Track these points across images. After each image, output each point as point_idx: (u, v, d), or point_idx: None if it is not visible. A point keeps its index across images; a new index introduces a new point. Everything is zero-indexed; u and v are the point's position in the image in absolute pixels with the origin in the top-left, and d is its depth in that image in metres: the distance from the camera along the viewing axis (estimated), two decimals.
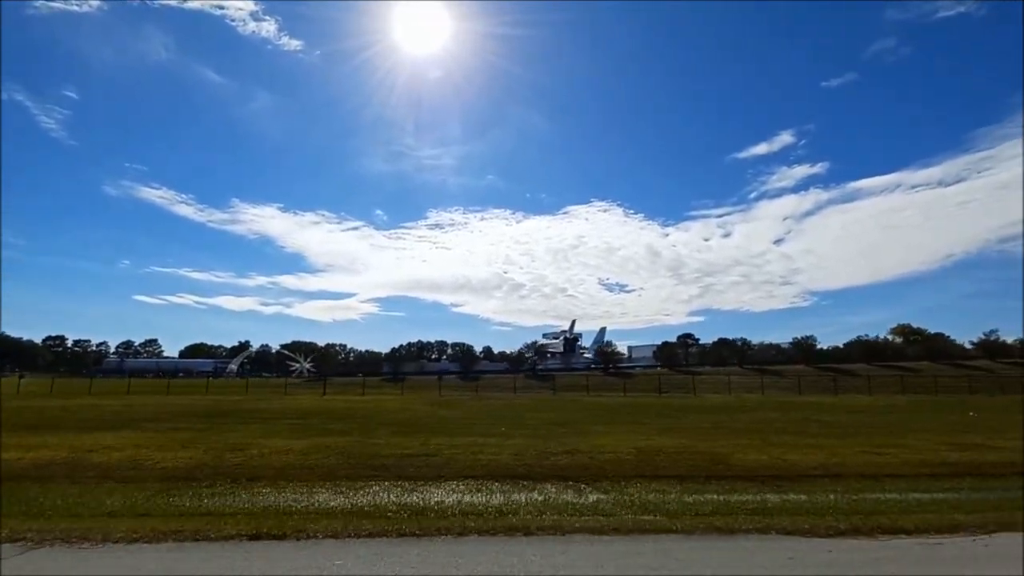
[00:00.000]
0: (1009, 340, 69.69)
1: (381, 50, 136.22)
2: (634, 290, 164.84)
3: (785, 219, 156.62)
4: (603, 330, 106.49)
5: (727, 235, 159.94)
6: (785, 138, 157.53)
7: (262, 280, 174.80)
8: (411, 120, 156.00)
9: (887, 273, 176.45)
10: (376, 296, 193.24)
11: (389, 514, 7.47)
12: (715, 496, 9.19)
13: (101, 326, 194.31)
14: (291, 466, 10.94)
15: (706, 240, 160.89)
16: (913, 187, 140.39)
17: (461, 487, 9.56)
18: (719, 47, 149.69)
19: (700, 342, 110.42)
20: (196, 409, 23.55)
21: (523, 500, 8.53)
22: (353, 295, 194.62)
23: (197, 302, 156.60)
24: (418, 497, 8.61)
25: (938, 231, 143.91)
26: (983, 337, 70.53)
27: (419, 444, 13.46)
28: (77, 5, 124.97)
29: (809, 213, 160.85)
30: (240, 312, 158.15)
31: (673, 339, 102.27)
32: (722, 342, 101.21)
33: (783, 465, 11.84)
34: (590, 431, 17.15)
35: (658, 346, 77.89)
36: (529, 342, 73.95)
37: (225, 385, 48.94)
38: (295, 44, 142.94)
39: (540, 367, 68.38)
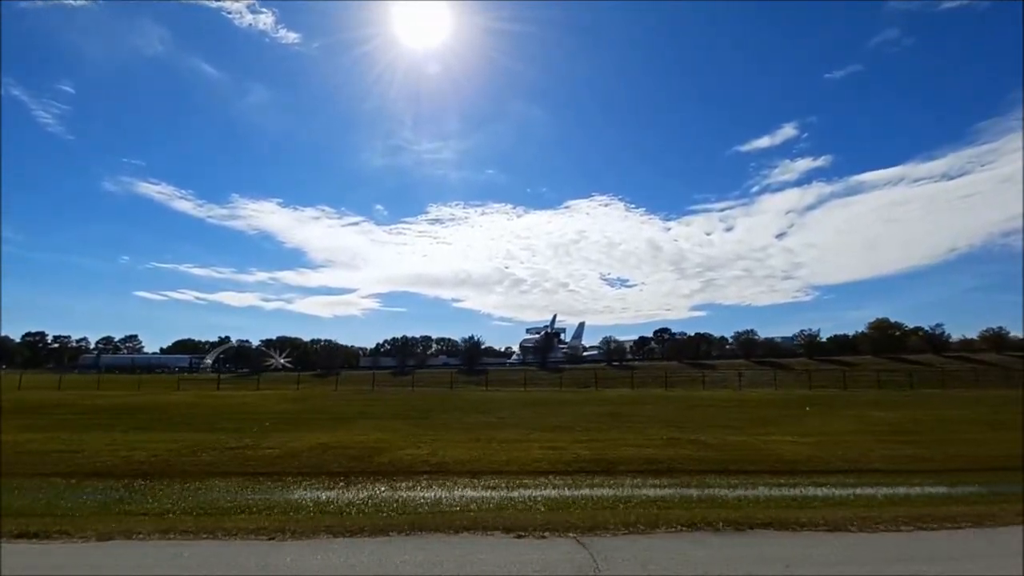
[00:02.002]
0: (955, 336, 69.13)
1: (380, 43, 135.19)
2: (636, 285, 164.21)
3: (787, 213, 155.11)
4: (582, 324, 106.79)
5: (729, 229, 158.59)
6: (787, 131, 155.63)
7: (263, 276, 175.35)
8: (410, 114, 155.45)
9: (890, 267, 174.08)
10: (377, 292, 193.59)
11: None
12: (260, 496, 9.32)
13: (102, 322, 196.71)
14: None
15: (708, 234, 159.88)
16: (916, 180, 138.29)
17: (15, 484, 9.76)
18: (720, 39, 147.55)
19: (675, 336, 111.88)
20: (27, 404, 24.07)
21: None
22: (354, 291, 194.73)
23: (198, 298, 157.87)
24: None
25: (941, 225, 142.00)
26: (928, 331, 69.94)
27: (106, 442, 13.68)
28: None
29: (811, 207, 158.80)
30: (242, 308, 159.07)
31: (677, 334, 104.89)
32: (699, 336, 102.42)
33: (422, 461, 11.96)
34: (351, 427, 17.31)
35: (603, 340, 77.98)
36: (466, 336, 74.44)
37: (161, 380, 49.38)
38: (293, 37, 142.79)
39: (477, 364, 68.47)
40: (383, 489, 9.65)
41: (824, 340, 76.89)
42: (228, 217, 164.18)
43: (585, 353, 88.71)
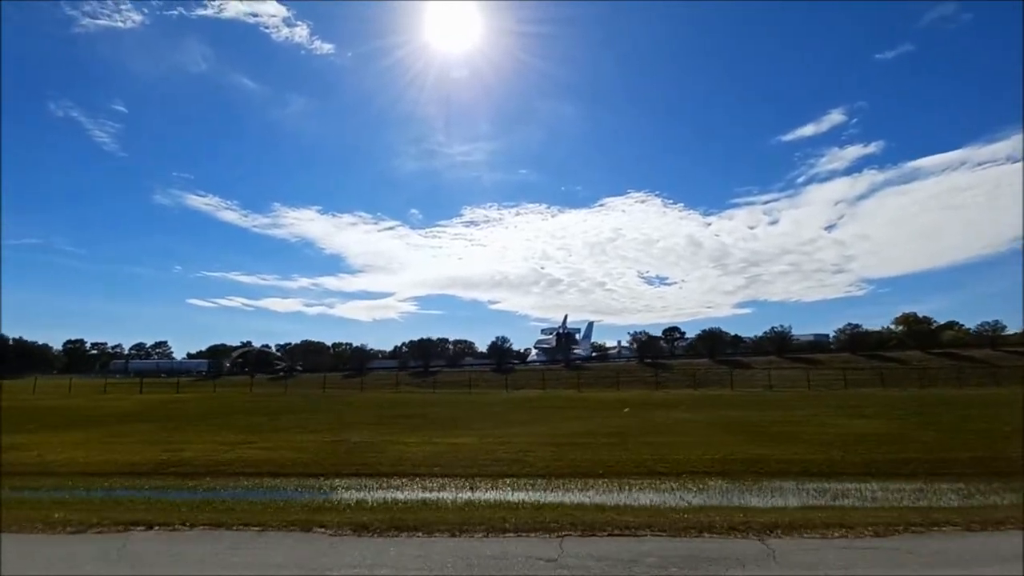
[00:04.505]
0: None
1: (412, 49, 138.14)
2: (675, 283, 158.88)
3: (837, 204, 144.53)
4: (591, 324, 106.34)
5: (774, 222, 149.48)
6: (835, 117, 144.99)
7: (305, 282, 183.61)
8: (442, 118, 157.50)
9: (948, 258, 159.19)
10: (414, 295, 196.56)
11: None
12: None
13: (157, 329, 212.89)
14: None
15: (751, 228, 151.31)
16: (978, 164, 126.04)
17: None
18: (757, 21, 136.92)
19: (686, 336, 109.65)
20: None
21: None
22: (391, 294, 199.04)
23: (246, 304, 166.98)
24: None
25: (1006, 211, 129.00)
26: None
27: None
28: (121, 22, 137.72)
29: (863, 196, 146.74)
30: (286, 313, 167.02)
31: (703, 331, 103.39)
32: (707, 334, 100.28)
33: (23, 462, 12.90)
34: (94, 430, 18.54)
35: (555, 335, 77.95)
36: (414, 338, 77.20)
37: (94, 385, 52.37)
38: (327, 47, 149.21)
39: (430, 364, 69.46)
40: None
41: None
42: (271, 226, 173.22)
43: (594, 354, 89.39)
